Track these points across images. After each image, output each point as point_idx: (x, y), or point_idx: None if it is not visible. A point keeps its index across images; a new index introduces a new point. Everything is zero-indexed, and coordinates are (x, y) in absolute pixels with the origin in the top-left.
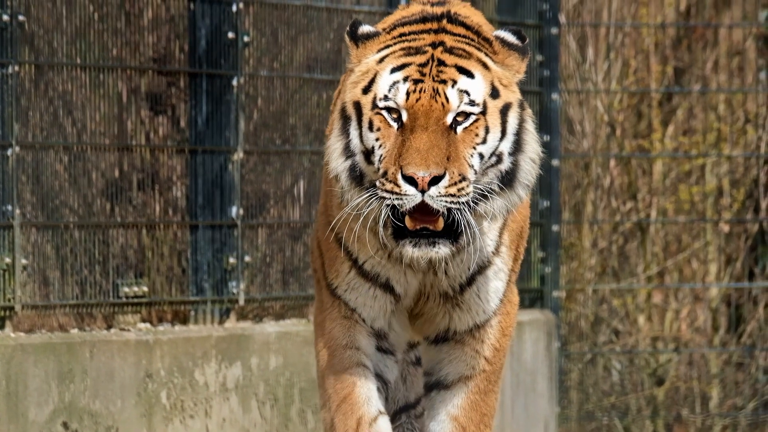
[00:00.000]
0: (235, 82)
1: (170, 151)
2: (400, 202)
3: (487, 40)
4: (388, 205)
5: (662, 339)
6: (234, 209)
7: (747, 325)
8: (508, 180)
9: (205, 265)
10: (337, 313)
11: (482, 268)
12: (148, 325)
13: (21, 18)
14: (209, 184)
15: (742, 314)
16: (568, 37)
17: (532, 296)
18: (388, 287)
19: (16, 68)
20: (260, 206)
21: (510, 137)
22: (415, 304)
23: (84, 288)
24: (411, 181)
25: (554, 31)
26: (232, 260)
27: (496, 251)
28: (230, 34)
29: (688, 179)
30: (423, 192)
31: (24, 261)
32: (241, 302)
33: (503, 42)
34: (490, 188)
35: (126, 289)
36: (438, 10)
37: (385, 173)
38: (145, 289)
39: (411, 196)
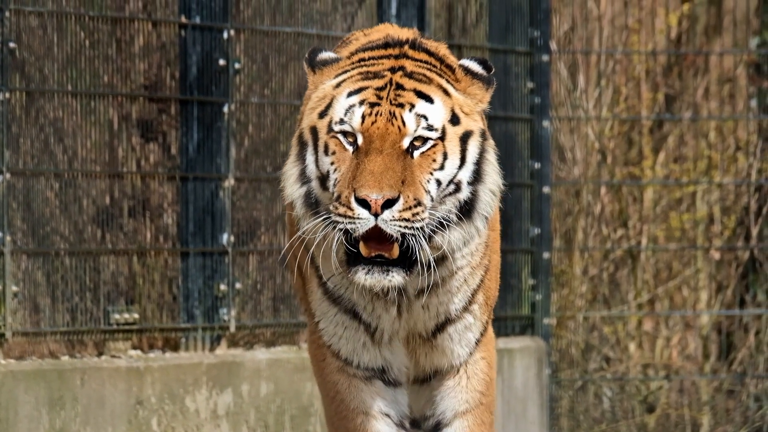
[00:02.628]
0: (226, 109)
1: (161, 177)
2: (353, 226)
3: (449, 67)
4: (341, 230)
5: (653, 366)
6: (225, 236)
7: (738, 353)
8: (466, 210)
9: (196, 292)
10: (331, 360)
11: (450, 321)
12: (138, 351)
13: (12, 45)
14: (200, 211)
15: (733, 342)
16: (559, 64)
17: (522, 323)
18: (356, 315)
19: (7, 95)
20: (251, 233)
21: (470, 166)
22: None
23: (75, 315)
24: (364, 204)
25: (545, 58)
26: (222, 287)
27: (467, 308)
28: (221, 61)
29: (678, 206)
30: (376, 216)
31: (15, 288)
32: (232, 329)
33: (467, 70)
34: (448, 218)
35: (117, 316)
36: (403, 35)
37: (338, 197)
38: (136, 315)
39: (364, 220)
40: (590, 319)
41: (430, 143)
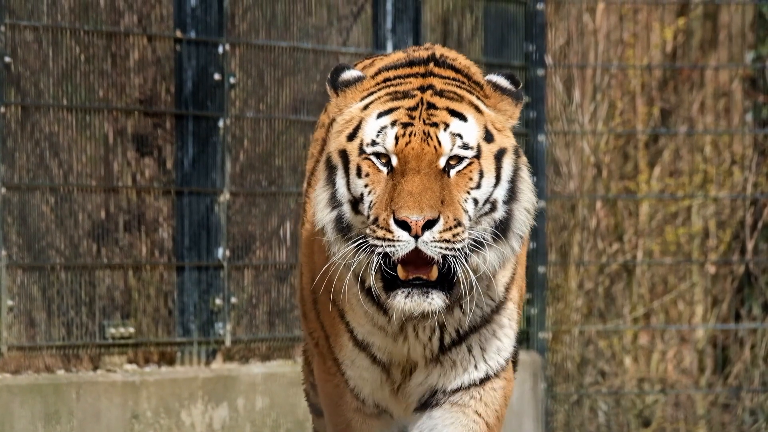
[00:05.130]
0: (221, 124)
1: (156, 192)
2: (393, 249)
3: (477, 83)
4: (379, 254)
5: (648, 380)
6: (220, 250)
7: (733, 367)
8: (501, 230)
9: (192, 306)
10: (350, 400)
11: (480, 325)
12: (134, 366)
13: (7, 59)
14: (195, 226)
15: (729, 355)
16: (555, 78)
17: (518, 337)
18: (375, 358)
19: (2, 109)
20: (246, 247)
21: (504, 184)
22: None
23: (70, 329)
24: (404, 225)
25: (540, 72)
26: (218, 301)
27: (501, 307)
28: (216, 76)
29: (674, 221)
30: (416, 237)
31: (10, 302)
32: (228, 343)
33: (495, 86)
34: (484, 238)
35: (112, 330)
36: (424, 53)
37: (375, 220)
38: (132, 330)
39: (404, 243)
40: (586, 333)
41: (466, 162)
